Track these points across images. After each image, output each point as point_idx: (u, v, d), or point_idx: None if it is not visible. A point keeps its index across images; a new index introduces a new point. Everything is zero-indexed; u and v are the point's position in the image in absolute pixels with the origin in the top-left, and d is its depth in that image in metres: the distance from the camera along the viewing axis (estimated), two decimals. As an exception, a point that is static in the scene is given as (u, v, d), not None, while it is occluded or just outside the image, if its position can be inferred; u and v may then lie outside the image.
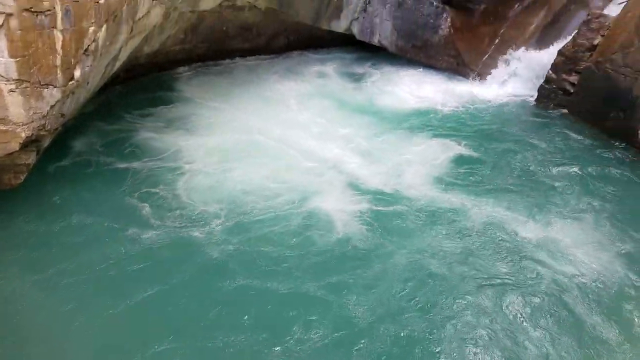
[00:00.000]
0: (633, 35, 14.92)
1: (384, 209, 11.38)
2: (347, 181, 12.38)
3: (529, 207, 11.79)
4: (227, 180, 12.12)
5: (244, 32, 19.56)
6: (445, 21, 19.32)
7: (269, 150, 13.68)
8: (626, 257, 10.32)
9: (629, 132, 14.98)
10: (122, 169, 12.19)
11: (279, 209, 11.12)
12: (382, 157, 13.69)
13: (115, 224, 10.22)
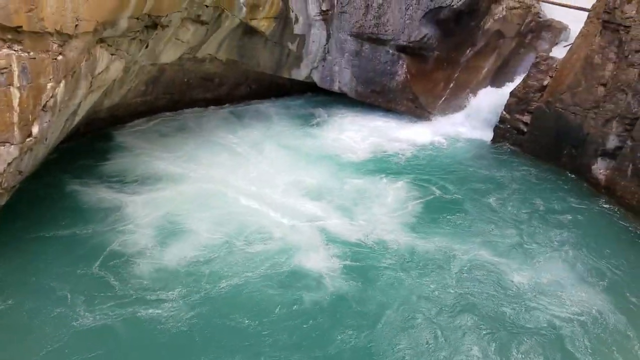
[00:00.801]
0: (580, 75, 15.79)
1: (366, 263, 11.14)
2: (323, 236, 12.06)
3: (508, 248, 11.98)
4: (184, 240, 11.59)
5: (205, 82, 19.73)
6: (402, 68, 20.00)
7: (227, 204, 13.27)
8: (605, 292, 10.66)
9: (583, 168, 15.61)
10: (65, 237, 11.34)
11: (252, 269, 10.63)
12: (351, 207, 13.52)
13: (57, 302, 9.31)
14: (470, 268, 11.20)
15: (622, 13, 14.50)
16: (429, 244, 11.99)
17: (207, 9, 14.79)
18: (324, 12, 19.55)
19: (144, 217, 12.39)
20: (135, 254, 10.98)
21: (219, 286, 10.19)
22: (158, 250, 11.19)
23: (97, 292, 9.74)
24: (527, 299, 10.33)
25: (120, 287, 9.92)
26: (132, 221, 12.16)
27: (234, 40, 17.84)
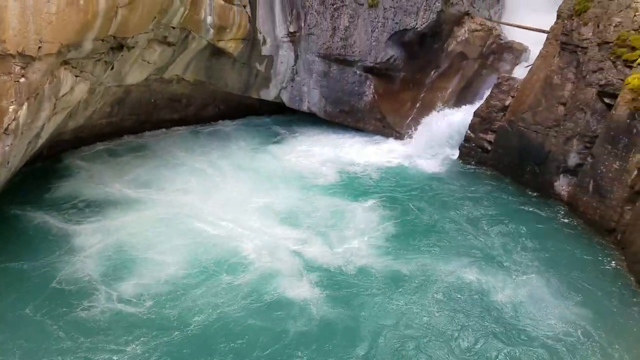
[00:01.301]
0: (540, 95, 16.32)
1: (348, 290, 10.97)
2: (302, 263, 11.81)
3: (484, 267, 12.12)
4: (144, 273, 10.93)
5: (172, 103, 19.59)
6: (369, 88, 20.31)
7: (192, 231, 12.81)
8: (580, 306, 10.93)
9: (546, 185, 16.04)
10: (5, 270, 10.52)
11: (228, 304, 10.06)
12: (326, 230, 13.36)
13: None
14: (451, 289, 11.28)
15: (579, 35, 15.12)
16: (407, 265, 12.00)
17: (173, 30, 14.76)
18: (292, 33, 19.76)
19: (95, 246, 11.72)
20: (84, 291, 10.06)
21: (190, 326, 9.38)
22: (112, 286, 10.35)
23: (36, 343, 8.47)
24: (511, 317, 10.46)
25: (66, 337, 8.74)
26: (82, 251, 11.45)
27: (202, 61, 17.82)
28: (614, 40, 13.94)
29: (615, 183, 13.45)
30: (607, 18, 14.24)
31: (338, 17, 19.43)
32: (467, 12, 19.86)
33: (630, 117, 13.11)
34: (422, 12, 18.82)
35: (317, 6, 19.49)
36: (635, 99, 13.01)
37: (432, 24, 19.08)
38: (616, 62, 13.87)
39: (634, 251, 12.30)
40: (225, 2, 15.93)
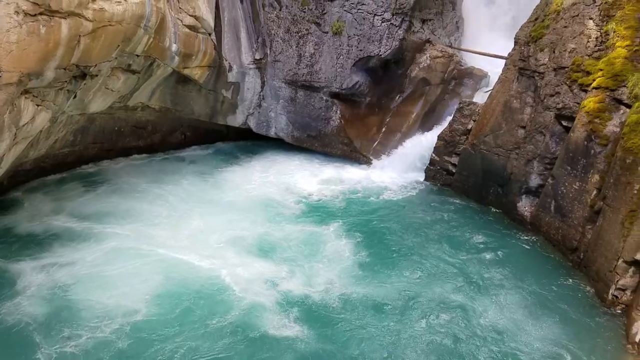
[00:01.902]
0: (500, 119, 16.81)
1: (331, 322, 10.84)
2: (280, 297, 11.52)
3: (458, 289, 12.29)
4: (98, 319, 10.12)
5: (137, 130, 19.35)
6: (336, 113, 20.53)
7: (153, 264, 12.28)
8: (556, 325, 11.24)
9: (509, 205, 16.42)
10: None
11: (208, 348, 9.58)
12: (300, 261, 13.13)
13: None
14: (431, 313, 11.37)
15: (536, 61, 15.73)
16: (384, 292, 12.00)
17: (138, 58, 14.66)
18: (258, 60, 19.88)
19: (38, 287, 10.89)
20: (20, 343, 9.13)
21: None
22: (53, 337, 9.36)
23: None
24: (496, 341, 10.63)
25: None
26: (21, 294, 10.58)
27: (167, 88, 17.73)
28: (569, 65, 14.54)
29: (576, 203, 13.88)
30: (562, 44, 14.87)
31: (303, 44, 19.70)
32: (428, 40, 20.45)
33: (588, 139, 13.63)
34: (384, 40, 19.29)
35: (282, 34, 19.73)
36: (592, 121, 13.56)
37: (395, 51, 19.56)
38: (572, 87, 14.46)
39: (595, 269, 12.65)
40: (190, 30, 15.95)
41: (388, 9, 19.10)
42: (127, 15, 12.87)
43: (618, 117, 13.16)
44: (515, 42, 16.84)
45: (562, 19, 15.03)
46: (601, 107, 13.44)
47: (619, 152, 12.49)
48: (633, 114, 12.41)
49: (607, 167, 13.09)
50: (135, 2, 13.00)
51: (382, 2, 19.08)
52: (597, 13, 14.13)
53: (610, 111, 13.30)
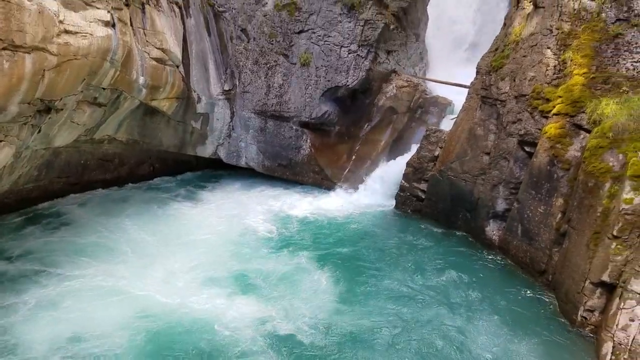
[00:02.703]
0: (466, 146, 17.20)
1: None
2: (265, 339, 11.12)
3: (438, 317, 12.32)
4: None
5: (104, 163, 19.04)
6: (306, 142, 20.68)
7: (122, 309, 11.58)
8: (536, 350, 11.38)
9: (478, 230, 16.68)
10: None
11: None
12: (278, 296, 12.75)
13: None
14: (417, 343, 11.38)
15: (497, 89, 16.24)
16: (369, 324, 11.94)
17: (104, 91, 14.53)
18: (227, 91, 19.96)
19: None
20: None
21: None
22: None
23: None
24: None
25: None
26: None
27: (135, 121, 17.56)
28: (530, 93, 15.05)
29: (542, 226, 14.19)
30: (522, 73, 15.42)
31: (272, 75, 19.91)
32: (394, 70, 20.96)
33: (550, 164, 14.04)
34: (352, 70, 19.69)
35: (250, 65, 19.92)
36: (553, 146, 13.99)
37: (362, 81, 19.96)
38: (533, 113, 14.93)
39: (564, 291, 12.88)
40: (158, 63, 15.94)
41: (354, 41, 19.56)
42: (93, 48, 12.81)
43: (578, 141, 13.62)
44: (477, 72, 17.38)
45: (521, 49, 15.62)
46: (562, 132, 13.91)
47: (581, 175, 12.90)
48: (593, 139, 12.88)
49: (570, 190, 13.48)
50: (102, 36, 12.96)
51: (348, 34, 19.55)
52: (555, 42, 14.73)
53: (571, 136, 13.77)
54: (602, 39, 13.94)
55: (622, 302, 10.78)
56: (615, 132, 12.38)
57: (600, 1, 14.05)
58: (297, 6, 19.63)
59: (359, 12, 19.56)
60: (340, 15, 19.55)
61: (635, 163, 11.61)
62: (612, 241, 11.42)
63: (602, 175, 12.29)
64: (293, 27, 19.73)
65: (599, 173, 12.32)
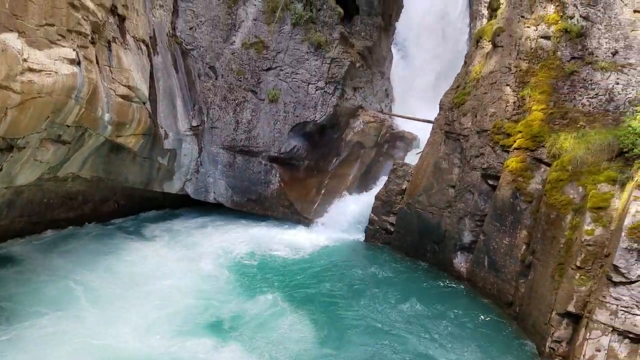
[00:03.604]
0: (432, 179, 17.53)
1: None
2: None
3: (409, 354, 12.23)
4: None
5: (68, 201, 18.57)
6: (275, 176, 20.71)
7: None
8: None
9: (446, 262, 16.85)
10: None
11: None
12: (250, 349, 12.01)
13: None
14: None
15: (460, 124, 16.72)
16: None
17: (68, 128, 14.30)
18: (195, 127, 19.94)
19: None
20: None
21: None
22: None
23: None
24: None
25: None
26: None
27: (100, 157, 17.26)
28: (491, 128, 15.55)
29: (507, 258, 14.45)
30: (483, 109, 15.95)
31: (240, 111, 20.03)
32: (360, 106, 21.40)
33: (513, 196, 14.41)
34: (319, 106, 20.00)
35: (219, 101, 20.01)
36: (515, 180, 14.40)
37: (330, 117, 20.28)
38: (495, 148, 15.40)
39: (531, 322, 13.05)
40: (124, 100, 15.83)
41: (321, 78, 19.95)
42: (58, 86, 12.66)
43: (539, 175, 14.07)
44: (440, 108, 17.91)
45: (481, 86, 16.21)
46: (523, 166, 14.35)
47: (543, 208, 13.27)
48: (553, 172, 13.32)
49: (534, 222, 13.83)
50: (66, 74, 12.84)
51: (315, 71, 19.94)
52: (513, 80, 15.36)
53: (532, 170, 14.22)
54: (558, 76, 14.61)
55: (588, 332, 10.97)
56: (574, 166, 12.85)
57: (555, 40, 14.78)
58: (264, 45, 19.98)
59: (325, 51, 20.03)
60: (307, 54, 19.98)
61: (594, 195, 12.03)
62: (575, 272, 11.70)
63: (563, 207, 12.67)
64: (261, 65, 20.01)
65: (560, 205, 12.71)
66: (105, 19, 14.73)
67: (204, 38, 19.88)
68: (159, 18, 18.83)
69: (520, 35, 15.39)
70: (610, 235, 11.42)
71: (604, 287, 10.81)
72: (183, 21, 19.61)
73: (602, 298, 10.78)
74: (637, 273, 10.40)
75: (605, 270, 11.00)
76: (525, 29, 15.30)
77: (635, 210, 10.69)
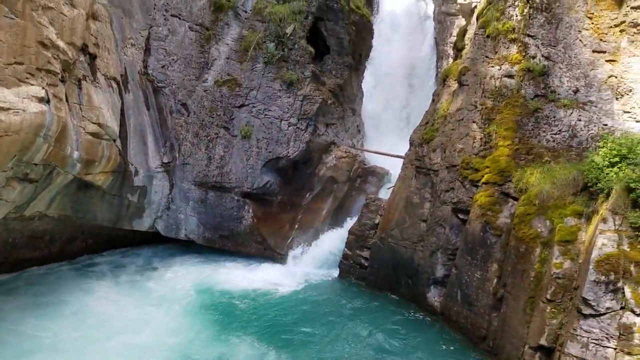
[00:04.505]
0: (404, 213, 17.70)
1: None
2: None
3: None
4: None
5: (34, 241, 18.04)
6: (248, 212, 20.59)
7: None
8: None
9: (420, 296, 16.86)
10: None
11: None
12: None
13: None
14: None
15: (430, 160, 17.04)
16: None
17: (36, 166, 14.03)
18: (166, 164, 19.78)
19: None
20: None
21: None
22: None
23: None
24: None
25: None
26: None
27: (68, 195, 16.92)
28: (460, 163, 15.89)
29: (480, 292, 14.56)
30: (452, 145, 16.32)
31: (213, 147, 20.02)
32: (333, 142, 21.67)
33: (483, 230, 14.64)
34: (292, 142, 20.15)
35: (191, 138, 19.97)
36: (485, 214, 14.66)
37: (303, 153, 20.42)
38: (464, 182, 15.70)
39: (505, 356, 13.07)
40: (94, 137, 15.67)
41: (294, 114, 20.18)
42: (25, 124, 12.48)
43: (507, 209, 14.37)
44: (411, 144, 18.26)
45: (449, 123, 16.63)
46: (492, 200, 14.65)
47: (512, 241, 13.50)
48: (520, 206, 13.62)
49: (504, 256, 14.03)
50: (35, 112, 12.68)
51: (288, 108, 20.17)
52: (480, 117, 15.81)
53: (500, 204, 14.52)
54: (523, 113, 15.11)
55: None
56: (541, 200, 13.18)
57: (519, 79, 15.35)
58: (237, 82, 20.18)
59: (297, 88, 20.35)
60: (279, 91, 20.25)
61: (561, 229, 12.33)
62: (546, 305, 11.86)
63: (531, 241, 12.93)
64: (234, 102, 20.16)
65: (529, 239, 12.96)
66: (75, 57, 14.70)
67: (176, 76, 19.97)
68: (130, 56, 18.88)
69: (484, 74, 15.94)
70: (579, 268, 11.67)
71: (574, 319, 10.97)
72: (155, 59, 19.68)
73: (573, 331, 10.92)
74: (606, 305, 10.61)
75: (575, 303, 11.19)
76: (490, 68, 15.87)
77: (602, 243, 10.98)
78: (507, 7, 16.00)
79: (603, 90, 14.31)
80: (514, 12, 15.78)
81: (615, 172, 11.97)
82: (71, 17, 14.30)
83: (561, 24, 15.04)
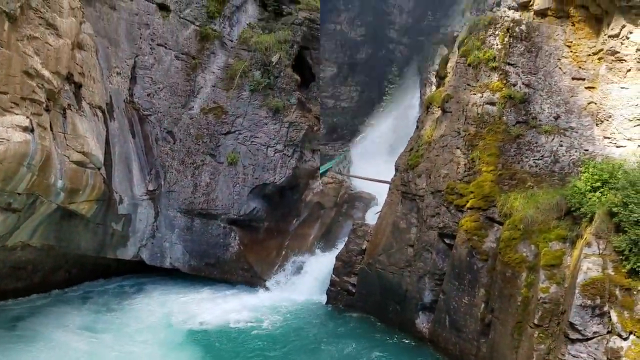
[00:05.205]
0: (391, 239, 17.71)
1: None
2: None
3: None
4: None
5: (16, 271, 17.72)
6: (234, 239, 20.47)
7: None
8: None
9: (408, 323, 16.75)
10: None
11: None
12: None
13: None
14: None
15: (415, 185, 17.15)
16: None
17: (19, 196, 13.87)
18: (151, 191, 19.66)
19: None
20: None
21: None
22: None
23: None
24: None
25: None
26: None
27: (51, 225, 16.69)
28: (445, 189, 16.00)
29: (468, 317, 14.52)
30: (436, 170, 16.47)
31: (199, 174, 19.98)
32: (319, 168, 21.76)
33: (469, 255, 14.69)
34: (278, 168, 20.22)
35: (177, 165, 19.92)
36: (470, 238, 14.74)
37: (289, 178, 20.48)
38: (449, 207, 15.80)
39: (494, 382, 13.01)
40: (78, 166, 15.55)
41: (280, 141, 20.30)
42: (9, 154, 12.40)
43: (493, 233, 14.47)
44: (396, 169, 18.39)
45: (433, 149, 16.81)
46: (477, 225, 14.75)
47: (498, 266, 13.56)
48: (506, 231, 13.72)
49: (491, 280, 14.06)
50: (19, 141, 12.61)
51: (274, 135, 20.29)
52: (463, 143, 16.01)
53: (486, 229, 14.62)
54: (505, 140, 15.34)
55: (549, 391, 11.03)
56: (526, 224, 13.29)
57: (500, 106, 15.62)
58: (223, 110, 20.30)
59: (283, 115, 20.52)
60: (265, 118, 20.41)
61: (547, 253, 12.42)
62: (534, 330, 11.85)
63: (517, 265, 13.00)
64: (220, 129, 20.23)
65: (515, 263, 13.03)
66: (60, 86, 14.69)
67: (162, 104, 20.01)
68: (116, 85, 18.90)
69: (467, 101, 16.22)
70: (565, 292, 11.72)
71: (562, 344, 10.97)
72: (141, 88, 19.73)
73: (561, 356, 10.90)
74: (593, 330, 10.64)
75: (562, 327, 11.20)
76: (472, 96, 16.15)
77: (587, 268, 11.06)
78: (487, 36, 16.38)
79: (583, 117, 14.63)
80: (495, 41, 16.16)
81: (598, 196, 12.14)
82: (56, 47, 14.33)
83: (541, 52, 15.42)
